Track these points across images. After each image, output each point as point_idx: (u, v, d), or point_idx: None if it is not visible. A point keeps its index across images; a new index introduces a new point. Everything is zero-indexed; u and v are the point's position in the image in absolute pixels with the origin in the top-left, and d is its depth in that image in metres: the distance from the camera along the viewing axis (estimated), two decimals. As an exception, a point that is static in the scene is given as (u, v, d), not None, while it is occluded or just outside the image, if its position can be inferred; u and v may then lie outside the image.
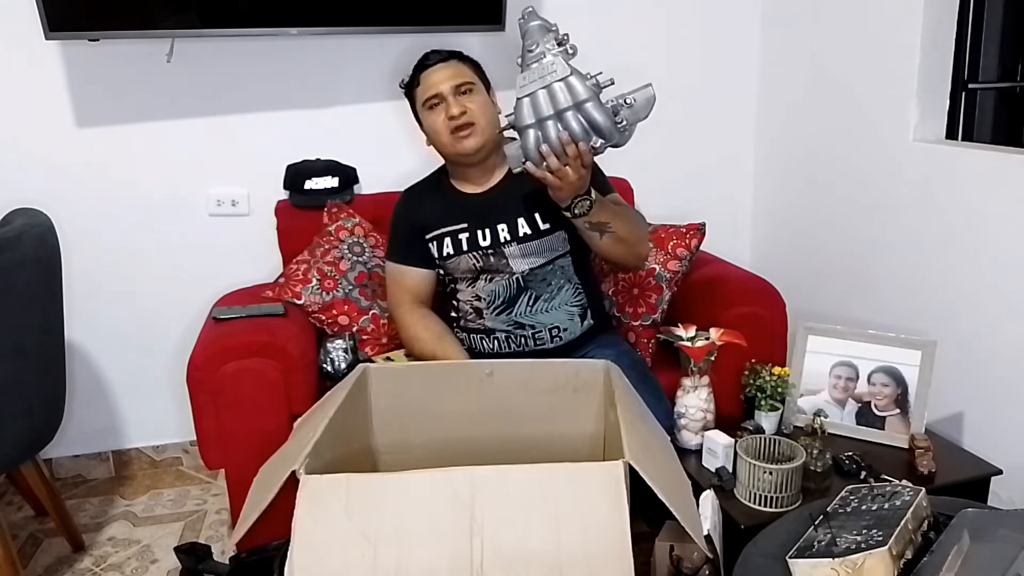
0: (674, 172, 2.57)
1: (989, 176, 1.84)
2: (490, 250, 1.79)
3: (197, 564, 1.66)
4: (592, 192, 1.62)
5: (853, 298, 2.27)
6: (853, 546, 1.13)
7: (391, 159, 2.29)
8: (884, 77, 2.08)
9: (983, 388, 1.89)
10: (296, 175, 2.24)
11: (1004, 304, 1.82)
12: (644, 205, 1.88)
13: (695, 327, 1.80)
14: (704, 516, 1.41)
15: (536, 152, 1.52)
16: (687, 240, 2.06)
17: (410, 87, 1.83)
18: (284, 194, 2.28)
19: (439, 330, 1.82)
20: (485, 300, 1.82)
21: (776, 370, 1.86)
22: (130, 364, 2.33)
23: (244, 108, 2.25)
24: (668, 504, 1.09)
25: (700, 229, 2.08)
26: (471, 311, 1.84)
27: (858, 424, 1.84)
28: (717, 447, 1.70)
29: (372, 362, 1.87)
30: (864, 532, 1.16)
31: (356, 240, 2.11)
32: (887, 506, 1.23)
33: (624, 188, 2.29)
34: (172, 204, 2.26)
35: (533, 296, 1.80)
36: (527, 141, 1.52)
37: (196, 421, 1.77)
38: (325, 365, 1.89)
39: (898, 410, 1.81)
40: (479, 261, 1.80)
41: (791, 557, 1.17)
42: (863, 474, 1.66)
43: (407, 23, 2.16)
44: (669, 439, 1.49)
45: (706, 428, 1.77)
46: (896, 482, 1.41)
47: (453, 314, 1.89)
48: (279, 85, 2.26)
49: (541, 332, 1.81)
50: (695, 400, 1.77)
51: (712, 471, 1.69)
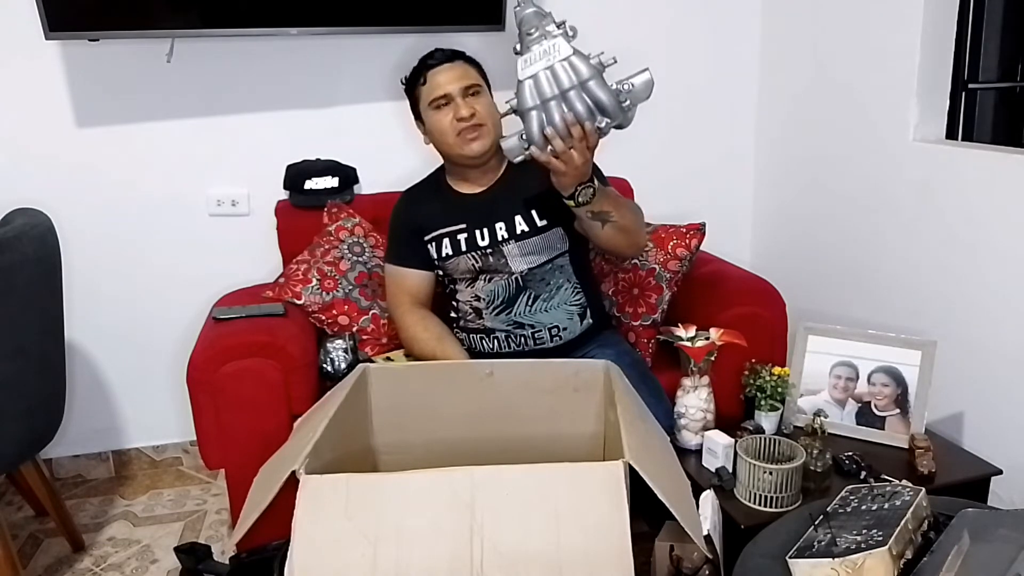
0: (674, 172, 2.57)
1: (989, 176, 1.84)
2: (489, 250, 1.79)
3: (197, 564, 1.66)
4: (595, 180, 1.60)
5: (853, 298, 2.27)
6: (853, 546, 1.13)
7: (391, 159, 2.29)
8: (884, 77, 2.08)
9: (983, 388, 1.89)
10: (296, 175, 2.24)
11: (1004, 304, 1.82)
12: (644, 205, 1.87)
13: (695, 327, 1.80)
14: (704, 516, 1.41)
15: (540, 135, 1.47)
16: (687, 240, 2.05)
17: (413, 85, 1.82)
18: (284, 194, 2.28)
19: (439, 331, 1.82)
20: (484, 300, 1.82)
21: (776, 370, 1.86)
22: (130, 364, 2.33)
23: (244, 108, 2.25)
24: (668, 504, 1.09)
25: (700, 229, 2.08)
26: (470, 311, 1.84)
27: (858, 424, 1.84)
28: (717, 447, 1.70)
29: (372, 362, 1.87)
30: (864, 532, 1.16)
31: (356, 240, 2.11)
32: (887, 506, 1.23)
33: (624, 188, 2.29)
34: (172, 204, 2.26)
35: (532, 296, 1.80)
36: (530, 124, 1.47)
37: (196, 421, 1.77)
38: (325, 365, 1.89)
39: (898, 410, 1.81)
40: (478, 261, 1.80)
41: (791, 557, 1.17)
42: (863, 474, 1.66)
43: (407, 23, 2.16)
44: (669, 439, 1.49)
45: (706, 428, 1.77)
46: (896, 482, 1.40)
47: (453, 314, 1.89)
48: (279, 85, 2.26)
49: (541, 332, 1.81)
50: (695, 400, 1.77)
51: (712, 471, 1.69)
